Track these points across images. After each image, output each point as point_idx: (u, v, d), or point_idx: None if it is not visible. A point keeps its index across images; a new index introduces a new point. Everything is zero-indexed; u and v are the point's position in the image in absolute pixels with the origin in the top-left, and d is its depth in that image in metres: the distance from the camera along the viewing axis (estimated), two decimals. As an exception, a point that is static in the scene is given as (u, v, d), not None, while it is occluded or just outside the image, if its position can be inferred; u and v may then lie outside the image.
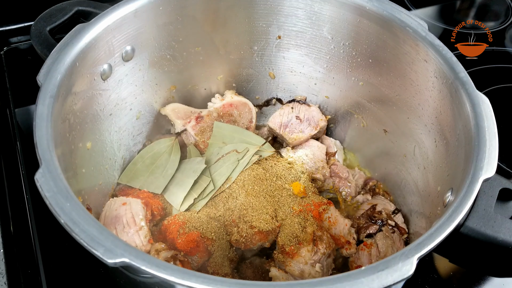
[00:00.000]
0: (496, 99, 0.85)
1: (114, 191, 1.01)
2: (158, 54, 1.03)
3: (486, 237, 0.78)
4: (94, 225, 0.61)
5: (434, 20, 1.56)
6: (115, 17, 0.90)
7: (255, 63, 1.16)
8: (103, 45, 0.89)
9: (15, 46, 1.35)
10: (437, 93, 0.89)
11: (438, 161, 0.90)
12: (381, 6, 0.95)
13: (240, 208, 0.94)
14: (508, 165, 1.11)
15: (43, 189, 0.64)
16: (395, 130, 1.04)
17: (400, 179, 1.04)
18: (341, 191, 1.08)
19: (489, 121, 0.77)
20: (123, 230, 0.86)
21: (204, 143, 1.08)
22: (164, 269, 0.57)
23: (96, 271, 0.92)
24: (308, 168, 1.06)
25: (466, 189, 0.69)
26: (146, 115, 1.10)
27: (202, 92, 1.18)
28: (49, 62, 0.79)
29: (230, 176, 1.00)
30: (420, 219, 0.95)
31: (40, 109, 0.73)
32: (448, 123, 0.86)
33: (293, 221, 0.93)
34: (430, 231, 0.65)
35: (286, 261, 0.88)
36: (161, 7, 0.96)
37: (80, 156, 0.87)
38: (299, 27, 1.07)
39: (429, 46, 0.88)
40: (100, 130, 0.96)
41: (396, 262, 0.60)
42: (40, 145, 0.69)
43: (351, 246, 0.94)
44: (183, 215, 0.94)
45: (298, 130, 1.12)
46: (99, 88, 0.92)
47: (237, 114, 1.13)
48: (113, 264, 0.58)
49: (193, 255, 0.89)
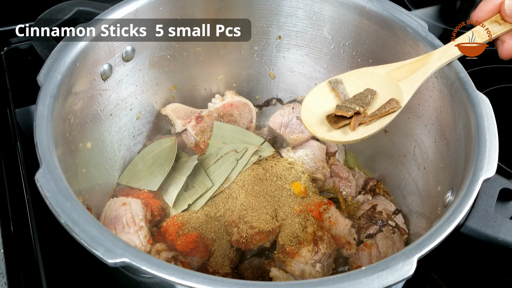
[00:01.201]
0: (496, 99, 0.85)
1: (114, 191, 1.01)
2: (158, 54, 1.03)
3: (486, 237, 0.78)
4: (94, 225, 0.61)
5: (434, 20, 1.56)
6: (115, 17, 0.90)
7: (255, 63, 1.16)
8: (103, 45, 0.89)
9: (15, 46, 1.35)
10: (437, 93, 0.89)
11: (438, 161, 0.90)
12: (381, 6, 0.95)
13: (240, 209, 0.94)
14: (508, 165, 1.11)
15: (43, 189, 0.64)
16: (395, 130, 1.04)
17: (400, 179, 1.04)
18: (341, 191, 1.08)
19: (489, 121, 0.77)
20: (123, 230, 0.86)
21: (205, 143, 1.08)
22: (164, 269, 0.57)
23: (96, 271, 0.92)
24: (309, 168, 1.06)
25: (466, 189, 0.69)
26: (146, 115, 1.10)
27: (202, 92, 1.18)
28: (49, 62, 0.79)
29: (229, 176, 1.00)
30: (420, 219, 0.95)
31: (40, 109, 0.73)
32: (448, 123, 0.86)
33: (294, 221, 0.93)
34: (430, 231, 0.65)
35: (286, 261, 0.88)
36: (161, 7, 0.96)
37: (81, 156, 0.87)
38: (299, 27, 1.07)
39: (429, 46, 0.88)
40: (101, 130, 0.96)
41: (396, 262, 0.60)
42: (40, 145, 0.69)
43: (351, 246, 0.94)
44: (181, 216, 0.94)
45: (299, 131, 1.12)
46: (99, 88, 0.92)
47: (237, 114, 1.13)
48: (113, 264, 0.58)
49: (193, 256, 0.89)
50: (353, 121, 0.80)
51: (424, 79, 0.83)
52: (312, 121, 0.84)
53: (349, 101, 0.83)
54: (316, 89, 0.87)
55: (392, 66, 0.87)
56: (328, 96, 0.86)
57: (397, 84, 0.84)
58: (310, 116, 0.84)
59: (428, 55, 0.85)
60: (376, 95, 0.84)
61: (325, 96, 0.86)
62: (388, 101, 0.82)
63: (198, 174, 1.01)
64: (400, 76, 0.85)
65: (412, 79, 0.83)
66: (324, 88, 0.87)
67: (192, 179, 1.00)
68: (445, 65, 0.84)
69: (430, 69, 0.83)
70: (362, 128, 0.82)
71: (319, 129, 0.83)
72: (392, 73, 0.86)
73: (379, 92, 0.84)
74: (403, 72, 0.85)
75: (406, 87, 0.83)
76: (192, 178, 1.00)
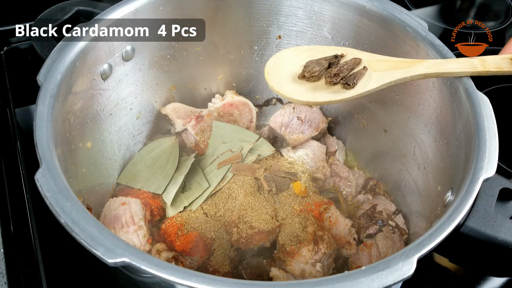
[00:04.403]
0: (496, 99, 0.85)
1: (114, 191, 1.01)
2: (158, 54, 1.03)
3: (486, 237, 0.78)
4: (94, 225, 0.61)
5: (434, 20, 1.56)
6: (115, 17, 0.90)
7: (255, 63, 1.16)
8: (103, 45, 0.89)
9: (15, 46, 1.35)
10: (437, 93, 0.89)
11: (438, 161, 0.90)
12: (381, 6, 0.95)
13: (239, 209, 0.94)
14: (508, 165, 1.11)
15: (43, 189, 0.64)
16: (395, 130, 1.04)
17: (400, 179, 1.04)
18: (341, 191, 1.08)
19: (489, 121, 0.77)
20: (122, 230, 0.86)
21: (204, 143, 1.08)
22: (164, 268, 0.57)
23: (96, 271, 0.92)
24: (309, 168, 1.06)
25: (466, 189, 0.69)
26: (146, 115, 1.10)
27: (202, 92, 1.18)
28: (49, 62, 0.79)
29: (225, 176, 1.00)
30: (420, 219, 0.95)
31: (40, 109, 0.73)
32: (448, 123, 0.86)
33: (294, 220, 0.93)
34: (430, 231, 0.65)
35: (286, 260, 0.88)
36: (161, 7, 0.96)
37: (80, 156, 0.87)
38: (299, 27, 1.07)
39: (429, 46, 0.88)
40: (100, 130, 0.96)
41: (396, 262, 0.60)
42: (40, 145, 0.69)
43: (351, 246, 0.94)
44: (180, 216, 0.94)
45: (299, 131, 1.12)
46: (99, 88, 0.92)
47: (237, 114, 1.13)
48: (113, 264, 0.58)
49: (194, 255, 0.89)
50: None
51: (398, 78, 0.82)
52: (277, 72, 0.85)
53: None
54: (295, 48, 0.87)
55: (377, 56, 0.86)
56: (303, 59, 0.86)
57: (371, 72, 0.83)
58: (278, 68, 0.85)
59: (419, 61, 0.85)
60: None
61: (300, 58, 0.86)
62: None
63: (195, 175, 1.01)
64: (379, 67, 0.84)
65: (387, 74, 0.83)
66: (304, 51, 0.87)
67: (189, 180, 1.00)
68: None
69: (411, 72, 0.82)
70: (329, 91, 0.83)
71: (279, 82, 0.84)
72: (374, 62, 0.85)
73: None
74: (384, 66, 0.84)
75: (378, 78, 0.83)
76: (189, 179, 1.00)
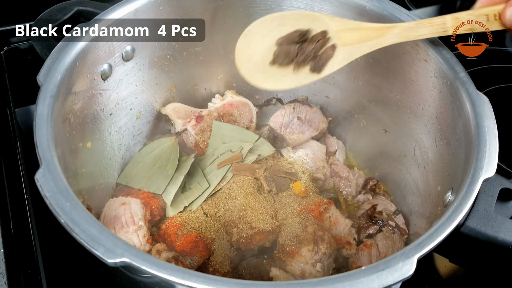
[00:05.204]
0: (496, 99, 0.85)
1: (114, 191, 1.01)
2: (158, 54, 1.03)
3: (486, 237, 0.78)
4: (94, 225, 0.61)
5: (434, 20, 1.55)
6: (115, 17, 0.90)
7: (255, 63, 1.15)
8: (103, 45, 0.89)
9: (15, 46, 1.35)
10: (437, 93, 0.89)
11: (438, 161, 0.90)
12: (381, 6, 0.95)
13: (239, 209, 0.94)
14: (508, 165, 1.10)
15: (43, 189, 0.64)
16: (395, 130, 1.04)
17: (400, 179, 1.04)
18: (341, 191, 1.08)
19: (489, 121, 0.77)
20: (122, 230, 0.86)
21: (204, 143, 1.08)
22: (164, 269, 0.57)
23: (96, 271, 0.92)
24: (309, 168, 1.06)
25: (466, 189, 0.69)
26: (146, 115, 1.10)
27: (202, 92, 1.18)
28: (49, 62, 0.79)
29: (225, 176, 1.00)
30: (420, 219, 0.95)
31: (40, 109, 0.73)
32: (448, 123, 0.86)
33: (294, 220, 0.93)
34: (430, 231, 0.65)
35: (286, 260, 0.88)
36: (161, 7, 0.96)
37: (80, 156, 0.87)
38: (299, 27, 1.07)
39: (429, 46, 0.88)
40: (100, 130, 0.96)
41: (396, 262, 0.60)
42: (40, 145, 0.69)
43: (351, 246, 0.94)
44: (180, 216, 0.94)
45: (299, 131, 1.12)
46: (99, 88, 0.92)
47: (237, 114, 1.13)
48: (114, 264, 0.58)
49: (193, 255, 0.89)
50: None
51: (366, 52, 0.81)
52: (248, 54, 0.86)
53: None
54: (264, 19, 0.86)
55: (348, 23, 0.84)
56: (273, 29, 0.85)
57: (339, 49, 0.82)
58: (248, 49, 0.86)
59: (389, 27, 0.82)
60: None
61: (270, 29, 0.86)
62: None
63: (195, 175, 1.01)
64: (348, 40, 0.82)
65: (355, 49, 0.82)
66: (274, 19, 0.86)
67: (189, 180, 1.00)
68: (445, 65, 0.84)
69: (379, 44, 0.81)
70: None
71: (251, 70, 0.86)
72: (343, 32, 0.83)
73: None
74: (354, 37, 0.82)
75: (345, 55, 0.82)
76: (189, 179, 1.00)
